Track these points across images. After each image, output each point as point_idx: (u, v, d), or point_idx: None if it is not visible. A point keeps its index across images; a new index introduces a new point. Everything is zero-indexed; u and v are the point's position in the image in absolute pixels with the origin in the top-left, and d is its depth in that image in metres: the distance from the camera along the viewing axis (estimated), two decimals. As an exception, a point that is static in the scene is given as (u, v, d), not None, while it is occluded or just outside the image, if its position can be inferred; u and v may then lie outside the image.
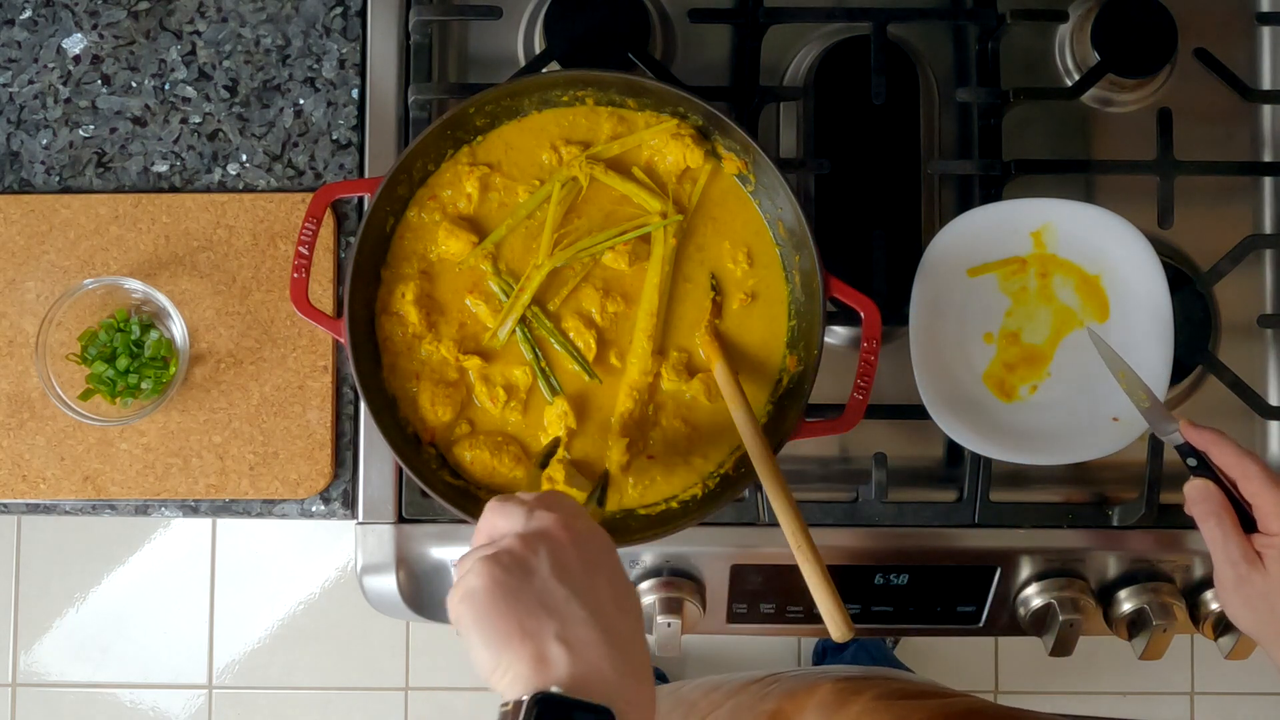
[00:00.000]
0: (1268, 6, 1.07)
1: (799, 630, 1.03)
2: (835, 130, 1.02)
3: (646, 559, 0.98)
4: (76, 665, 2.12)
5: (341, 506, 1.01)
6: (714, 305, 0.92)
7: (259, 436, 1.00)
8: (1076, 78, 1.04)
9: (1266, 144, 1.06)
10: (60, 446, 1.00)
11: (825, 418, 0.88)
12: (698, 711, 0.96)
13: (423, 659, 2.11)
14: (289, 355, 1.01)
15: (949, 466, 1.02)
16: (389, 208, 0.91)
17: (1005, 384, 0.95)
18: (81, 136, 1.04)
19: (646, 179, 0.92)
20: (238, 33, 1.04)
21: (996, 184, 1.00)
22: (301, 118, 1.04)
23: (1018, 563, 0.99)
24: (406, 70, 1.02)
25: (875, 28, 0.99)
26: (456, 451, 0.90)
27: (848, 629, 0.76)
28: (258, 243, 1.01)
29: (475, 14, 1.02)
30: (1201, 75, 1.03)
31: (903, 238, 1.00)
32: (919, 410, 0.94)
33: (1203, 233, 1.03)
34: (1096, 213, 0.95)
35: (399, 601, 1.00)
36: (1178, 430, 0.83)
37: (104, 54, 1.04)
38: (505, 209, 0.92)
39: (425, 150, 0.90)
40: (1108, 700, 2.09)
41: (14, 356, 1.00)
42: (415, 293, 0.91)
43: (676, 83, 0.96)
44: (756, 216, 0.93)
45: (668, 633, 0.96)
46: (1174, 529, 0.98)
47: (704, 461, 0.91)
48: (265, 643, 2.12)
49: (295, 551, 2.13)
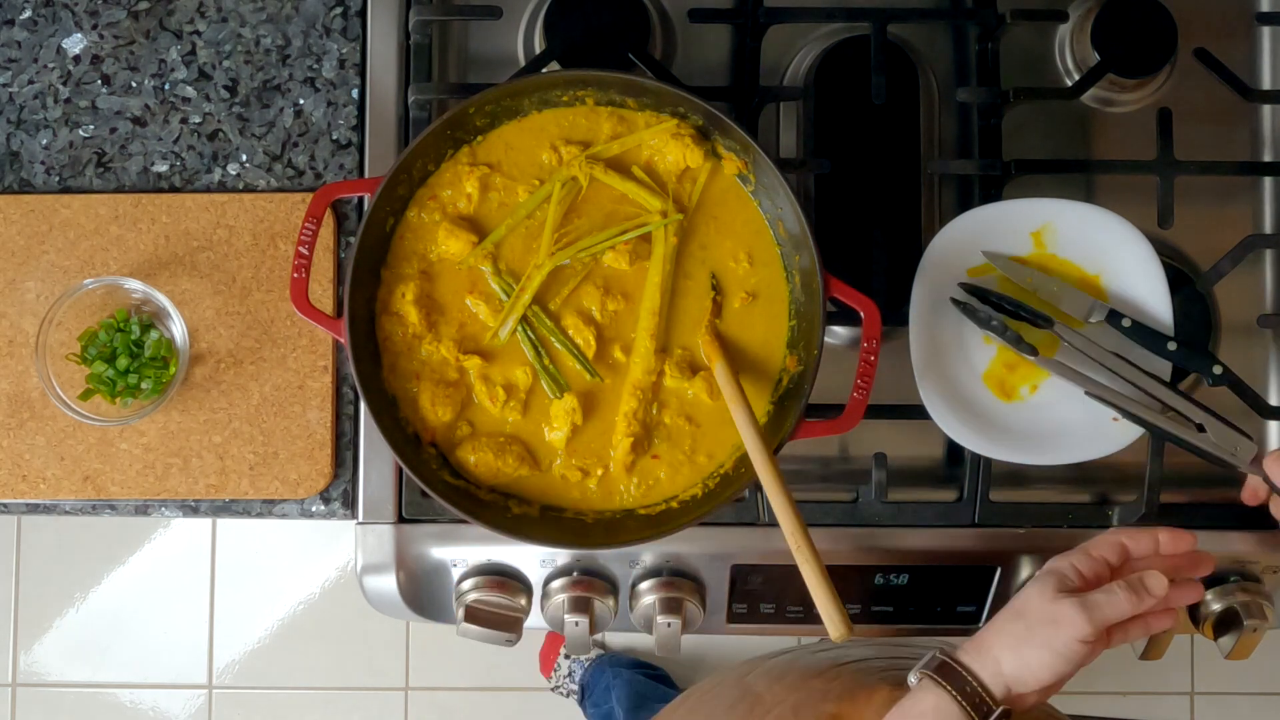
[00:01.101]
0: (1268, 6, 1.07)
1: (799, 630, 1.03)
2: (835, 130, 1.02)
3: (646, 559, 0.98)
4: (76, 665, 2.12)
5: (341, 506, 1.01)
6: (714, 304, 0.92)
7: (259, 436, 1.00)
8: (1076, 78, 1.04)
9: (1266, 144, 1.06)
10: (60, 446, 1.00)
11: (825, 418, 0.88)
12: (763, 705, 0.95)
13: (423, 659, 2.11)
14: (289, 355, 1.01)
15: (949, 466, 1.02)
16: (389, 208, 0.90)
17: (1005, 384, 0.95)
18: (81, 136, 1.04)
19: (646, 178, 0.92)
20: (238, 33, 1.04)
21: (996, 184, 1.00)
22: (301, 118, 1.04)
23: (1018, 563, 0.99)
24: (406, 70, 1.02)
25: (875, 28, 0.99)
26: (460, 454, 0.90)
27: (846, 629, 0.76)
28: (258, 243, 1.01)
29: (475, 14, 1.02)
30: (1201, 75, 1.03)
31: (903, 238, 1.00)
32: (919, 410, 0.94)
33: (1203, 233, 1.03)
34: (1096, 213, 0.95)
35: (399, 601, 1.00)
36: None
37: (104, 54, 1.04)
38: (505, 209, 0.92)
39: (425, 150, 0.90)
40: (1107, 700, 2.09)
41: (14, 356, 1.00)
42: (415, 293, 0.91)
43: (676, 83, 0.96)
44: (757, 216, 0.93)
45: (668, 633, 0.96)
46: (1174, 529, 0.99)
47: (708, 460, 0.91)
48: (265, 643, 2.12)
49: (295, 551, 2.13)
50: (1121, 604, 0.72)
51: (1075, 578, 0.75)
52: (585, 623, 0.96)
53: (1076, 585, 0.74)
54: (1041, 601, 0.73)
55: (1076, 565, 0.76)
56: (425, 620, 1.01)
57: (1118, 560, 0.77)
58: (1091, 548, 0.77)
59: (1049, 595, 0.73)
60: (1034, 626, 0.73)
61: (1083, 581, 0.75)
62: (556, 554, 0.98)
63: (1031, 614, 0.73)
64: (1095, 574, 0.76)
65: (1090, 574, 0.75)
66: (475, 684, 2.10)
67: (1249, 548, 0.98)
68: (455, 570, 0.99)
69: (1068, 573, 0.75)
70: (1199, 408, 0.90)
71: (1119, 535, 0.77)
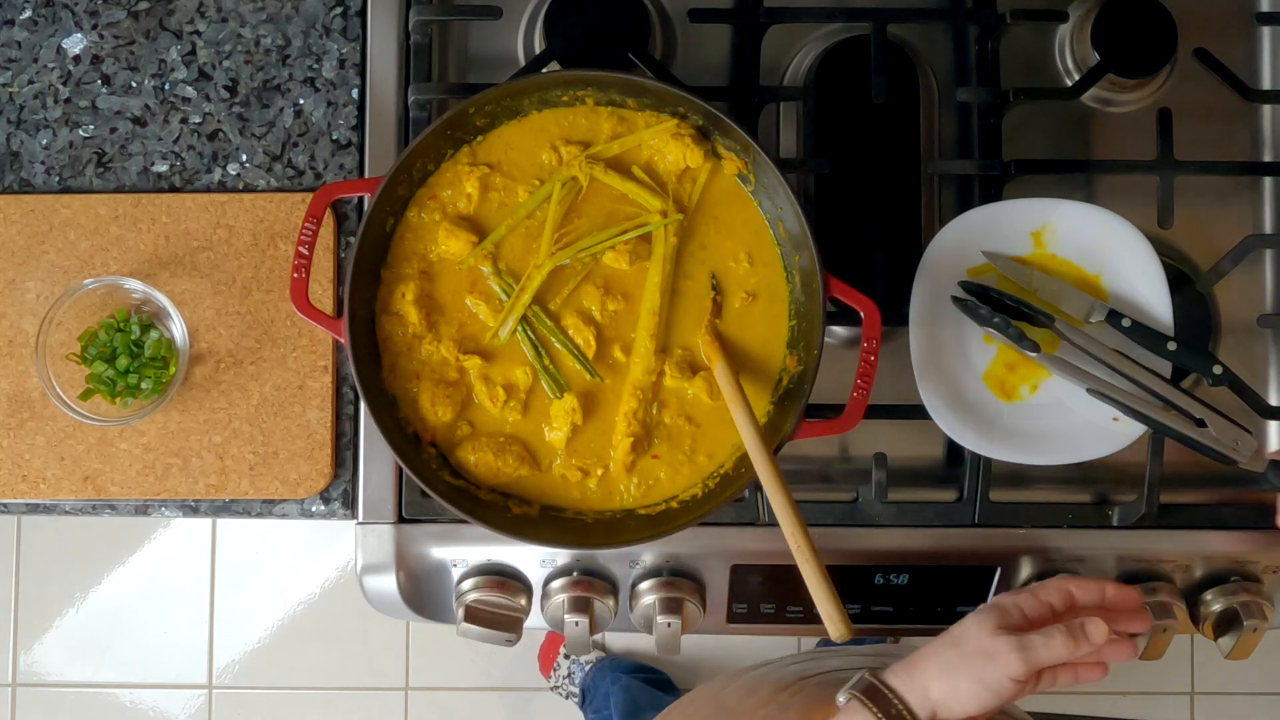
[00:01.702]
0: (1268, 6, 1.07)
1: (799, 630, 1.03)
2: (835, 130, 1.02)
3: (646, 559, 0.98)
4: (76, 665, 2.12)
5: (341, 506, 1.01)
6: (714, 305, 0.92)
7: (259, 436, 1.00)
8: (1076, 78, 1.04)
9: (1266, 144, 1.06)
10: (60, 446, 1.00)
11: (825, 418, 0.88)
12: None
13: (423, 659, 2.11)
14: (289, 355, 1.01)
15: (949, 466, 1.02)
16: (389, 208, 0.90)
17: (1005, 384, 0.95)
18: (81, 136, 1.04)
19: (646, 178, 0.92)
20: (238, 33, 1.04)
21: (996, 184, 1.00)
22: (301, 118, 1.04)
23: (1018, 563, 0.99)
24: (406, 70, 1.02)
25: (875, 28, 0.99)
26: (460, 454, 0.90)
27: (846, 629, 0.76)
28: (258, 243, 1.01)
29: (475, 14, 1.02)
30: (1201, 75, 1.03)
31: (903, 238, 1.00)
32: (919, 410, 0.94)
33: (1203, 233, 1.03)
34: (1097, 212, 0.95)
35: (399, 601, 1.00)
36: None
37: (104, 54, 1.04)
38: (505, 209, 0.92)
39: (425, 150, 0.90)
40: (1108, 700, 2.09)
41: (14, 356, 1.00)
42: (415, 293, 0.91)
43: (676, 83, 0.96)
44: (757, 216, 0.93)
45: (668, 633, 0.96)
46: (1174, 529, 0.99)
47: (708, 460, 0.91)
48: (265, 643, 2.12)
49: (295, 551, 2.13)
50: (1058, 648, 0.73)
51: (1018, 616, 0.75)
52: (585, 623, 0.96)
53: (1018, 623, 0.75)
54: (980, 634, 0.74)
55: (1021, 605, 0.76)
56: (425, 620, 1.01)
57: (1062, 607, 0.77)
58: (1039, 590, 0.77)
59: (989, 629, 0.74)
60: (968, 657, 0.73)
61: (1025, 621, 0.75)
62: (556, 554, 0.98)
63: (968, 644, 0.74)
64: (1039, 616, 0.76)
65: (1034, 615, 0.76)
66: (475, 684, 2.10)
67: (1249, 548, 0.99)
68: (455, 570, 0.99)
69: (1011, 610, 0.75)
70: (1199, 403, 0.91)
71: (1068, 583, 0.78)
